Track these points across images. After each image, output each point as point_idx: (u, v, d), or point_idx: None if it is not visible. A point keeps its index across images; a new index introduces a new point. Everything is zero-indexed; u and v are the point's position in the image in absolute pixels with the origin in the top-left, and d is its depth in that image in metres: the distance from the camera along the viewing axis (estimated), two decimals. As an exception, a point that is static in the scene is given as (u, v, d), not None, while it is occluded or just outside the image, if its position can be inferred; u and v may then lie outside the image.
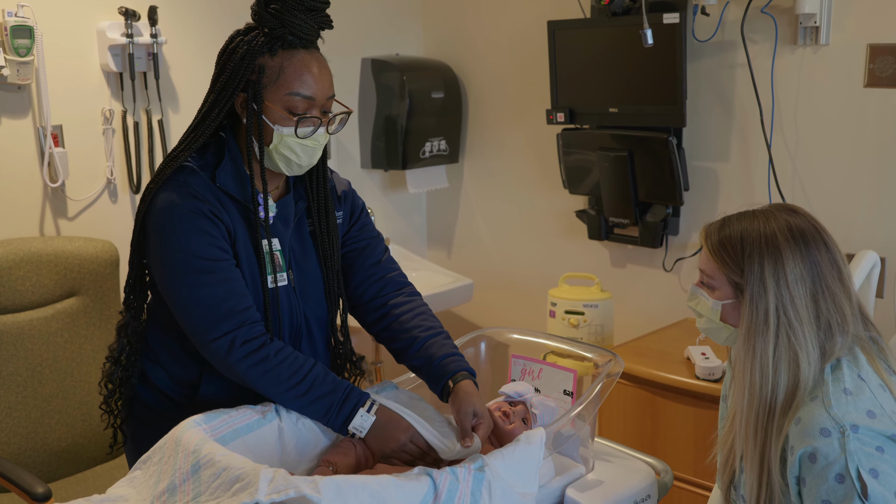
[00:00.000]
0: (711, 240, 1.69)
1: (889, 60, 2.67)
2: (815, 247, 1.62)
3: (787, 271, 1.60)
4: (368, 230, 1.98)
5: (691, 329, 3.07)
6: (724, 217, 1.71)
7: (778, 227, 1.63)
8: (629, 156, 3.15)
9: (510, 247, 3.84)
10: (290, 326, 1.84)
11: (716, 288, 1.69)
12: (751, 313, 1.62)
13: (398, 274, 1.97)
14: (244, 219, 1.78)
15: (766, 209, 1.69)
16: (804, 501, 1.53)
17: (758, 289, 1.61)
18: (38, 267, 2.61)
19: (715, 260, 1.68)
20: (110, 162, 2.95)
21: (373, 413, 1.69)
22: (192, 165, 1.76)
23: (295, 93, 1.70)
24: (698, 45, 3.05)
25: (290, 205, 1.84)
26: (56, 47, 2.78)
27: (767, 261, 1.61)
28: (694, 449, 2.68)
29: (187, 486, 1.41)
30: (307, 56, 1.72)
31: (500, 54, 3.70)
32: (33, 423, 2.58)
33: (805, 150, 2.91)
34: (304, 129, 1.72)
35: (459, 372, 1.80)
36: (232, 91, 1.73)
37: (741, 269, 1.63)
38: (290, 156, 1.74)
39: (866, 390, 1.55)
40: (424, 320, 1.89)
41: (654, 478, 1.86)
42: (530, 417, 1.79)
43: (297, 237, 1.86)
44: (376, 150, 3.69)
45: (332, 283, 1.90)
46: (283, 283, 1.81)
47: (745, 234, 1.64)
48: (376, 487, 1.33)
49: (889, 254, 2.72)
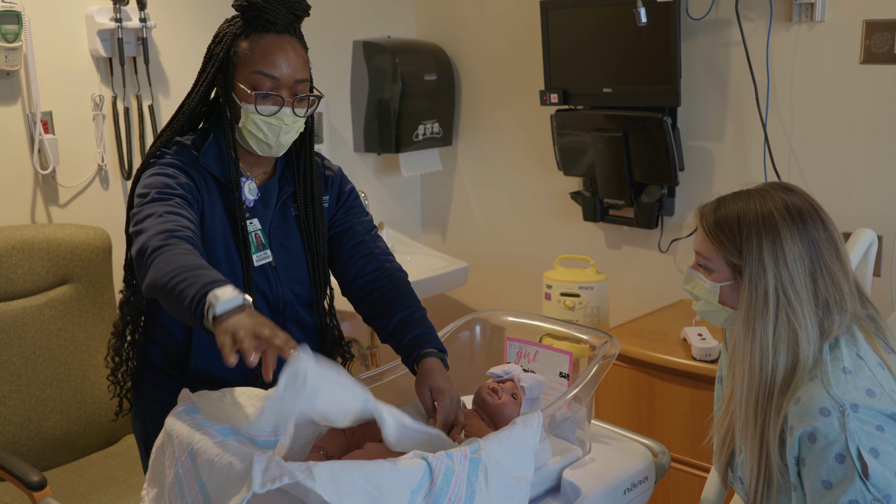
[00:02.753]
0: (707, 221, 1.67)
1: (885, 36, 2.65)
2: (812, 225, 1.60)
3: (785, 250, 1.58)
4: (354, 213, 2.00)
5: (687, 310, 3.06)
6: (719, 197, 1.69)
7: (775, 206, 1.61)
8: (623, 136, 3.13)
9: (505, 229, 3.83)
10: (271, 303, 1.87)
11: (713, 270, 1.67)
12: (750, 294, 1.60)
13: (381, 253, 1.97)
14: (224, 198, 1.83)
15: (762, 188, 1.67)
16: (804, 482, 1.52)
17: (756, 269, 1.59)
18: (29, 255, 2.59)
19: (711, 241, 1.66)
20: (101, 148, 2.93)
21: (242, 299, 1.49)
22: (184, 141, 1.85)
23: (258, 71, 1.76)
24: (692, 23, 3.03)
25: (273, 188, 1.90)
26: (44, 33, 2.75)
27: (766, 241, 1.59)
28: (691, 430, 2.68)
29: (191, 477, 1.40)
30: (276, 39, 1.78)
31: (492, 35, 3.68)
32: (27, 411, 2.56)
33: (800, 129, 2.90)
34: (266, 107, 1.77)
35: (423, 350, 1.79)
36: (210, 72, 1.82)
37: (739, 251, 1.62)
38: (258, 133, 1.79)
39: (865, 369, 1.54)
40: (399, 299, 1.88)
41: (651, 459, 1.86)
42: (519, 392, 1.79)
43: (281, 219, 1.91)
44: (369, 133, 3.67)
45: (319, 268, 1.94)
46: (266, 261, 1.86)
47: (741, 215, 1.62)
48: (371, 473, 1.33)
49: (886, 232, 2.71)
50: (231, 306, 1.44)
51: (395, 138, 3.62)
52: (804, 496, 1.54)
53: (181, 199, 1.73)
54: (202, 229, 1.79)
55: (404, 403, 1.84)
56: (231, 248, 1.83)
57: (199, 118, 1.90)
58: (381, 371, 1.92)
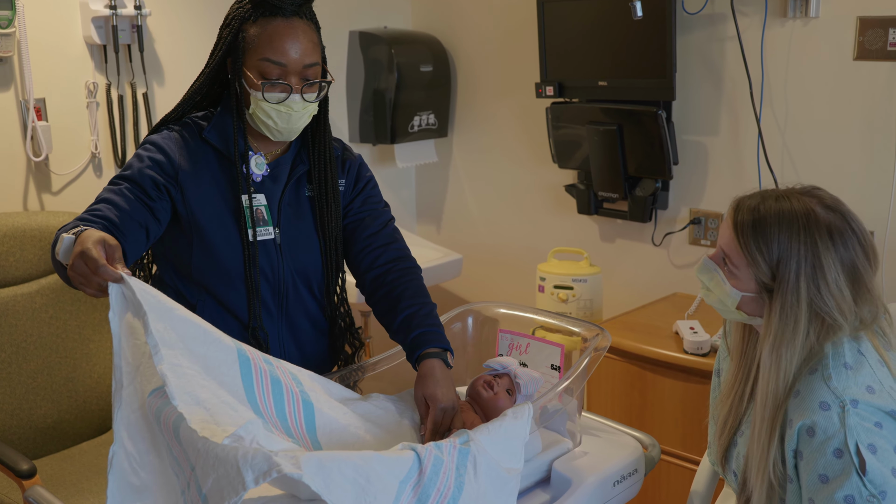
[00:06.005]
0: (745, 230, 1.59)
1: (879, 33, 2.65)
2: (852, 246, 1.56)
3: (827, 279, 1.53)
4: (371, 203, 1.98)
5: (680, 303, 3.07)
6: (756, 199, 1.61)
7: (817, 228, 1.55)
8: (618, 130, 3.13)
9: (499, 221, 3.83)
10: (271, 281, 1.86)
11: (738, 277, 1.61)
12: (781, 320, 1.55)
13: (395, 245, 1.95)
14: (229, 172, 1.84)
15: (803, 197, 1.60)
16: (800, 475, 1.52)
17: (792, 298, 1.54)
18: (21, 242, 2.58)
19: (745, 256, 1.59)
20: (94, 136, 2.92)
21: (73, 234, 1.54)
22: (187, 119, 1.88)
23: (266, 58, 1.75)
24: (688, 17, 3.03)
25: (285, 164, 1.89)
26: (38, 19, 2.74)
27: (805, 268, 1.54)
28: (682, 423, 2.69)
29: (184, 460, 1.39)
30: (284, 24, 1.77)
31: (489, 27, 3.67)
32: (18, 399, 2.56)
33: (794, 124, 2.90)
34: (274, 95, 1.77)
35: (423, 351, 1.77)
36: (218, 56, 1.82)
37: (773, 274, 1.56)
38: (267, 120, 1.79)
39: (866, 365, 1.53)
40: (406, 296, 1.86)
41: (642, 452, 1.86)
42: (514, 389, 1.79)
43: (293, 197, 1.90)
44: (364, 123, 3.66)
45: (331, 251, 1.92)
46: (268, 237, 1.85)
47: (781, 233, 1.55)
48: (359, 462, 1.33)
49: (877, 227, 2.72)
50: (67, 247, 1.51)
51: (391, 129, 3.62)
52: (799, 489, 1.54)
53: (131, 183, 1.75)
54: (186, 203, 1.80)
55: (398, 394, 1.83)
56: (227, 222, 1.82)
57: (212, 97, 1.90)
58: (374, 361, 1.92)
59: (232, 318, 1.85)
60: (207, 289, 1.84)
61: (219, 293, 1.84)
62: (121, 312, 1.42)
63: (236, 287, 1.84)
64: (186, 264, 1.84)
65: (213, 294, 1.85)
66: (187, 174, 1.81)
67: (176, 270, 1.87)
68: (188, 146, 1.83)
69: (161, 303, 1.44)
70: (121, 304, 1.41)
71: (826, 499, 1.47)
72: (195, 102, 1.89)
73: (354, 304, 3.25)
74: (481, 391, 1.78)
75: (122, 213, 1.70)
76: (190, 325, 1.47)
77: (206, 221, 1.81)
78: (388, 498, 1.35)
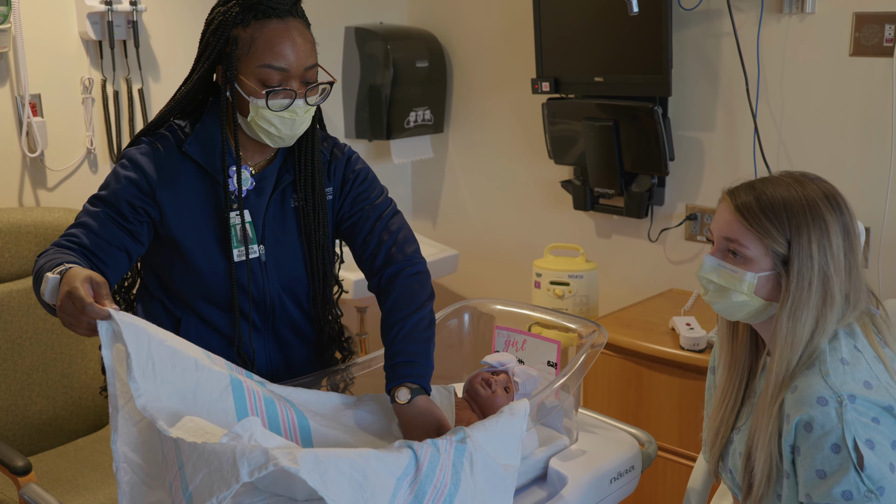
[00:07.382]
0: (747, 208, 1.58)
1: (874, 29, 2.65)
2: (846, 214, 1.58)
3: (831, 241, 1.55)
4: (361, 200, 1.89)
5: (676, 299, 3.07)
6: (749, 182, 1.63)
7: (816, 194, 1.57)
8: (614, 125, 3.13)
9: (495, 217, 3.83)
10: (256, 300, 1.81)
11: (750, 259, 1.59)
12: (798, 286, 1.55)
13: (388, 243, 1.84)
14: (210, 187, 1.76)
15: (789, 176, 1.62)
16: (797, 470, 1.52)
17: (806, 261, 1.55)
18: (17, 238, 2.58)
19: (755, 229, 1.57)
20: (90, 132, 2.91)
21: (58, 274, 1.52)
22: (163, 132, 1.77)
23: (266, 65, 1.66)
24: (684, 13, 3.03)
25: (270, 175, 1.81)
26: (33, 14, 2.73)
27: (814, 231, 1.55)
28: (678, 420, 2.69)
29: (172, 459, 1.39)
30: (280, 26, 1.67)
31: (485, 23, 3.67)
32: (13, 395, 2.56)
33: (790, 120, 2.90)
34: (278, 102, 1.68)
35: (393, 386, 1.68)
36: (206, 63, 1.71)
37: (787, 241, 1.56)
38: (269, 128, 1.70)
39: (863, 361, 1.53)
40: (395, 310, 1.77)
41: (638, 449, 1.86)
42: (512, 386, 1.79)
43: (278, 210, 1.82)
44: (360, 119, 3.66)
45: (317, 260, 1.85)
46: (252, 256, 1.78)
47: (787, 203, 1.56)
48: (356, 459, 1.32)
49: (874, 223, 2.72)
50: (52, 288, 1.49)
51: (387, 125, 3.61)
52: (796, 484, 1.54)
53: (109, 207, 1.70)
54: (165, 224, 1.73)
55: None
56: (209, 241, 1.75)
57: (198, 104, 1.80)
58: (370, 358, 1.92)
59: (216, 335, 1.81)
60: (190, 305, 1.80)
61: (202, 311, 1.79)
62: (112, 347, 1.42)
63: (220, 306, 1.79)
64: (169, 279, 1.79)
65: (196, 311, 1.80)
66: (166, 192, 1.73)
67: (160, 283, 1.83)
68: (167, 161, 1.74)
69: (150, 336, 1.43)
70: (111, 340, 1.42)
71: (824, 494, 1.47)
72: (180, 109, 1.79)
73: (350, 300, 3.27)
74: (479, 389, 1.78)
75: (100, 241, 1.67)
76: (179, 356, 1.46)
77: (188, 242, 1.75)
78: (384, 494, 1.35)
